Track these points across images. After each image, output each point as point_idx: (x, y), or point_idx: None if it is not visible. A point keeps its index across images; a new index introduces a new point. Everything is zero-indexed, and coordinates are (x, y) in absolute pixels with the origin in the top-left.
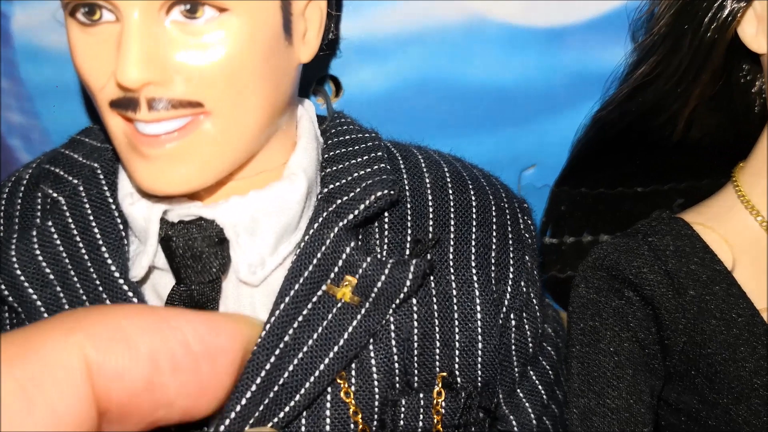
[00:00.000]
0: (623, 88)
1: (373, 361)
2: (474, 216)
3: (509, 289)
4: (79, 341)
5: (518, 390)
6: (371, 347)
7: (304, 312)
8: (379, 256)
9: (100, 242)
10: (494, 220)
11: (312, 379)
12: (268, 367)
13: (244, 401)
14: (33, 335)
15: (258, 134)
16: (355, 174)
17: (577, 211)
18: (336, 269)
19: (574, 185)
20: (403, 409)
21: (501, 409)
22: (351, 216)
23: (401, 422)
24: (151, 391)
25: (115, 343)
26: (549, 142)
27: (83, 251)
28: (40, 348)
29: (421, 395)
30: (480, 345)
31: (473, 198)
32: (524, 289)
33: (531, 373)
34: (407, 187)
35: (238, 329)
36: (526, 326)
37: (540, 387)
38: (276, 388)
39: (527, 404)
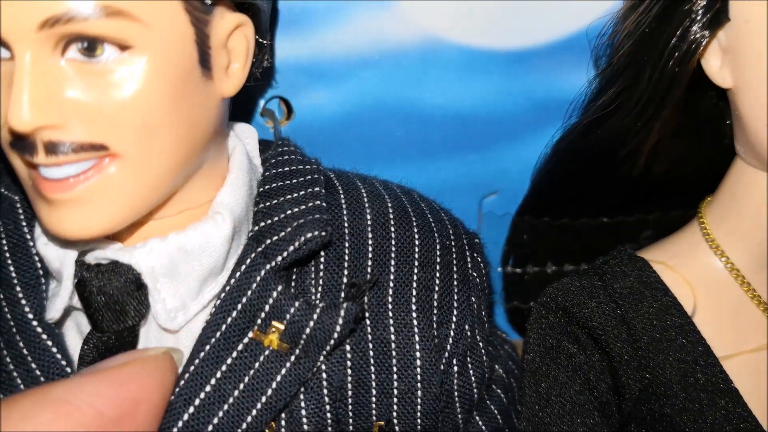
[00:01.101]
0: (583, 119)
1: (303, 411)
2: (416, 256)
3: (452, 333)
4: None
5: None
6: (302, 396)
7: (228, 361)
8: (313, 298)
9: (15, 281)
10: (438, 260)
11: (239, 431)
12: (186, 417)
13: None
14: None
15: (172, 176)
16: (288, 212)
17: (540, 240)
18: (263, 315)
19: (536, 215)
20: None
21: None
22: (279, 258)
23: None
24: None
25: None
26: (510, 169)
27: (1, 293)
28: None
29: None
30: (419, 393)
31: (416, 236)
32: (468, 333)
33: (477, 418)
34: (346, 225)
35: (150, 373)
36: (471, 371)
37: (486, 429)
38: None
39: None
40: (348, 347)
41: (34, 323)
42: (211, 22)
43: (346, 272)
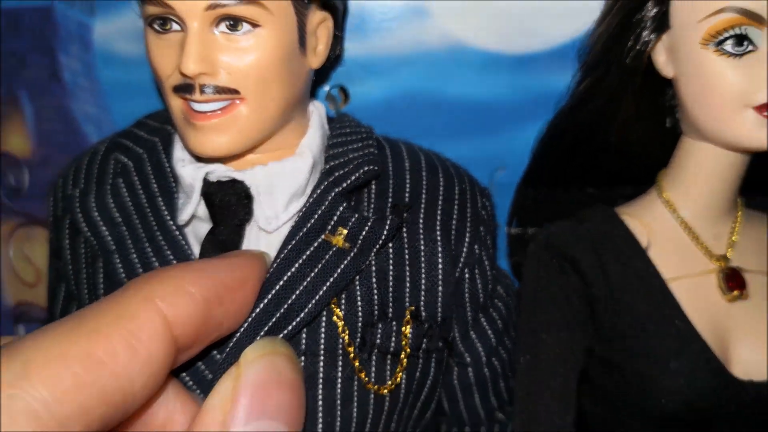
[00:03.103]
0: (568, 103)
1: (358, 293)
2: (441, 193)
3: (465, 250)
4: (156, 306)
5: (471, 332)
6: (357, 282)
7: (307, 253)
8: (366, 213)
9: (158, 195)
10: (456, 198)
11: (312, 303)
12: (274, 291)
13: (254, 315)
14: (125, 304)
15: (277, 117)
16: (351, 155)
17: (539, 206)
18: (332, 223)
19: (535, 185)
20: (379, 332)
21: (457, 346)
22: (344, 184)
23: (377, 341)
24: (208, 324)
25: (179, 298)
26: (515, 148)
27: (144, 201)
28: (133, 313)
29: (394, 323)
30: (440, 288)
31: (441, 180)
32: (477, 252)
33: (483, 320)
34: (390, 168)
35: (254, 263)
36: (478, 280)
37: (490, 333)
38: (282, 309)
39: (479, 345)
40: (390, 249)
41: (171, 223)
42: (308, 15)
43: (390, 198)
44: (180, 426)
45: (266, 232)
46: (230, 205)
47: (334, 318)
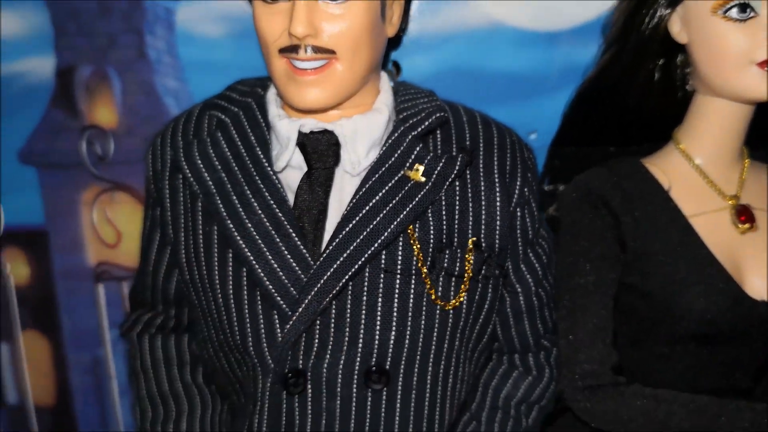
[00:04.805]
0: (594, 71)
1: (430, 222)
2: (495, 143)
3: (516, 191)
4: None
5: (521, 265)
6: (429, 212)
7: (389, 185)
8: (438, 153)
9: (256, 146)
10: (508, 148)
11: (393, 225)
12: (360, 215)
13: (342, 236)
14: None
15: (364, 76)
16: (420, 107)
17: (568, 164)
18: (410, 160)
19: (565, 145)
20: (446, 257)
21: (510, 277)
22: (420, 128)
23: (445, 265)
24: None
25: None
26: (545, 115)
27: (243, 151)
28: None
29: (458, 250)
30: (498, 223)
31: (495, 133)
32: (526, 194)
33: (530, 254)
34: (451, 121)
35: None
36: (527, 218)
37: (537, 265)
38: (367, 231)
39: (528, 276)
40: (458, 187)
41: (269, 169)
42: None
43: (454, 144)
44: None
45: (351, 175)
46: (322, 151)
47: (411, 241)
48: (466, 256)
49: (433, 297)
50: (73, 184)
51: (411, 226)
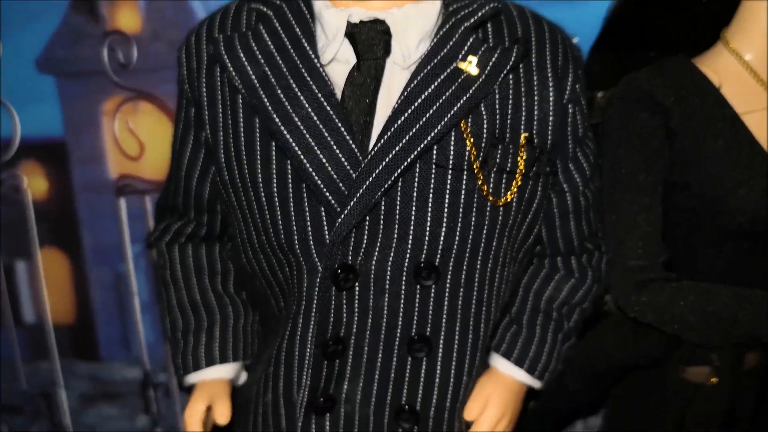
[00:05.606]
0: None
1: (483, 116)
2: (547, 39)
3: (568, 88)
4: None
5: (570, 164)
6: (482, 106)
7: (441, 77)
8: (491, 44)
9: (301, 38)
10: (560, 44)
11: (446, 118)
12: (412, 108)
13: (393, 129)
14: None
15: None
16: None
17: (607, 69)
18: (463, 52)
19: (605, 50)
20: (499, 152)
21: (557, 177)
22: (472, 19)
23: (498, 160)
24: None
25: None
26: (586, 20)
27: (287, 44)
28: None
29: (511, 145)
30: (551, 118)
31: (546, 29)
32: (578, 90)
33: (579, 154)
34: (503, 17)
35: None
36: (578, 116)
37: (585, 165)
38: (419, 125)
39: (576, 176)
40: (511, 81)
41: (315, 61)
42: None
43: (506, 36)
44: None
45: (401, 68)
46: (372, 41)
47: (464, 136)
48: (519, 152)
49: (485, 193)
50: (94, 94)
51: (463, 121)
